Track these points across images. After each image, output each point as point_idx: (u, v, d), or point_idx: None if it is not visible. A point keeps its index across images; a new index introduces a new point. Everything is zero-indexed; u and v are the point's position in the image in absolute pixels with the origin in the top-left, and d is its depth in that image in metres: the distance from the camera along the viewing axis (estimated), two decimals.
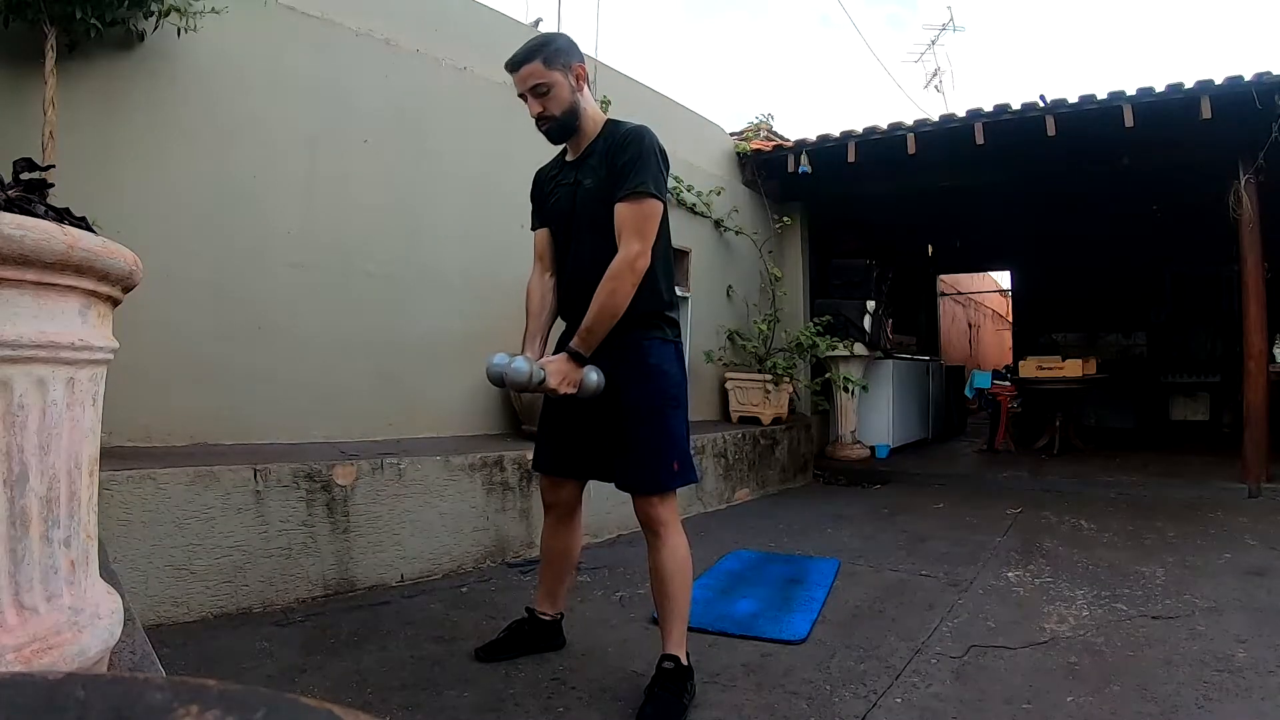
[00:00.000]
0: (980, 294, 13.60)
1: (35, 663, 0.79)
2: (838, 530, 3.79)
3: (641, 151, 1.75)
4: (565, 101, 1.80)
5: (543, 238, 2.01)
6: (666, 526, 1.82)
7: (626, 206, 1.74)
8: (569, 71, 1.79)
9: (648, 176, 1.73)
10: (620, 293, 1.72)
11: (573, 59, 1.80)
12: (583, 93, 1.84)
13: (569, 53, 1.80)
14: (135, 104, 2.59)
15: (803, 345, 5.34)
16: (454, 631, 2.24)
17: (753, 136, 5.90)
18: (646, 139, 1.77)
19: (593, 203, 1.82)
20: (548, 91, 1.78)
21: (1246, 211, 4.47)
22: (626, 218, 1.74)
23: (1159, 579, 2.81)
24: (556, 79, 1.77)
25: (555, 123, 1.82)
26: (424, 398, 3.43)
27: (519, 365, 1.69)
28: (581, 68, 1.82)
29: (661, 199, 1.77)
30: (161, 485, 2.17)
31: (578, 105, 1.82)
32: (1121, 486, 4.81)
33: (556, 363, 1.74)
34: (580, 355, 1.75)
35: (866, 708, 1.78)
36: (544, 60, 1.76)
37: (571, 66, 1.80)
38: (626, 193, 1.73)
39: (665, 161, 1.80)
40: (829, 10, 53.82)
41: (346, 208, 3.17)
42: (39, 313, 0.82)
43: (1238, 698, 1.80)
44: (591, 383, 1.77)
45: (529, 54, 1.77)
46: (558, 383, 1.71)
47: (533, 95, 1.79)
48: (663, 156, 1.79)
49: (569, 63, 1.79)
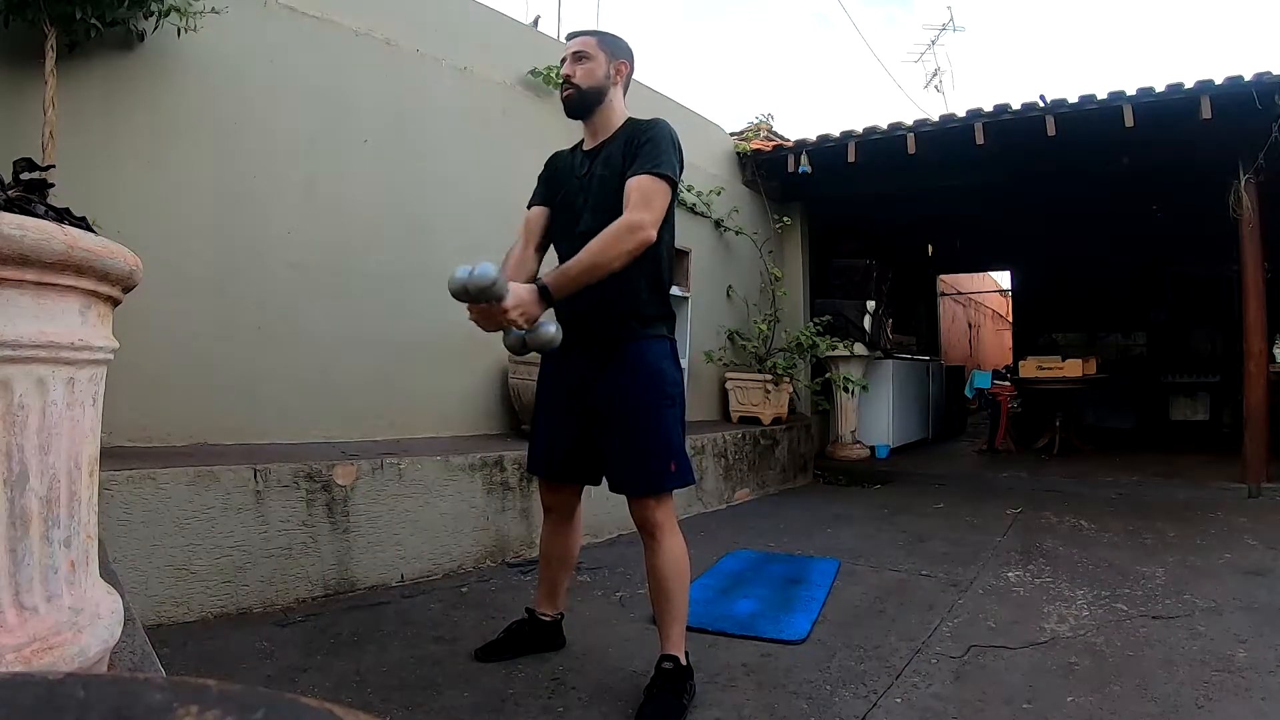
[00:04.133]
0: (980, 294, 13.60)
1: (35, 663, 0.79)
2: (838, 530, 3.79)
3: (659, 138, 1.78)
4: (595, 79, 1.87)
5: (536, 216, 2.00)
6: (662, 529, 1.80)
7: (639, 179, 1.74)
8: (613, 61, 1.89)
9: (663, 160, 1.75)
10: (613, 251, 1.66)
11: (621, 56, 1.91)
12: (617, 86, 1.92)
13: (622, 51, 1.92)
14: (135, 104, 2.59)
15: (803, 345, 5.34)
16: (454, 631, 2.24)
17: (753, 136, 5.90)
18: (665, 128, 1.81)
19: (604, 195, 1.83)
20: (585, 61, 1.86)
21: (1246, 211, 4.47)
22: (636, 188, 1.73)
23: (1159, 579, 2.81)
24: (600, 58, 1.87)
25: (577, 92, 1.87)
26: (424, 398, 3.43)
27: (486, 266, 1.55)
28: (625, 65, 1.92)
29: (674, 184, 1.76)
30: (161, 485, 2.17)
31: (605, 91, 1.89)
32: (1121, 486, 4.81)
33: (521, 288, 1.63)
34: (547, 293, 1.65)
35: (866, 708, 1.78)
36: (599, 40, 1.89)
37: (617, 59, 1.90)
38: (643, 170, 1.74)
39: (680, 153, 1.82)
40: (827, 10, 53.83)
41: (346, 208, 3.17)
42: (39, 313, 0.82)
43: (1238, 698, 1.80)
44: (548, 333, 1.66)
45: (591, 31, 1.92)
46: (513, 305, 1.59)
47: (572, 59, 1.87)
48: (678, 147, 1.81)
49: (617, 56, 1.90)
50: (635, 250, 1.68)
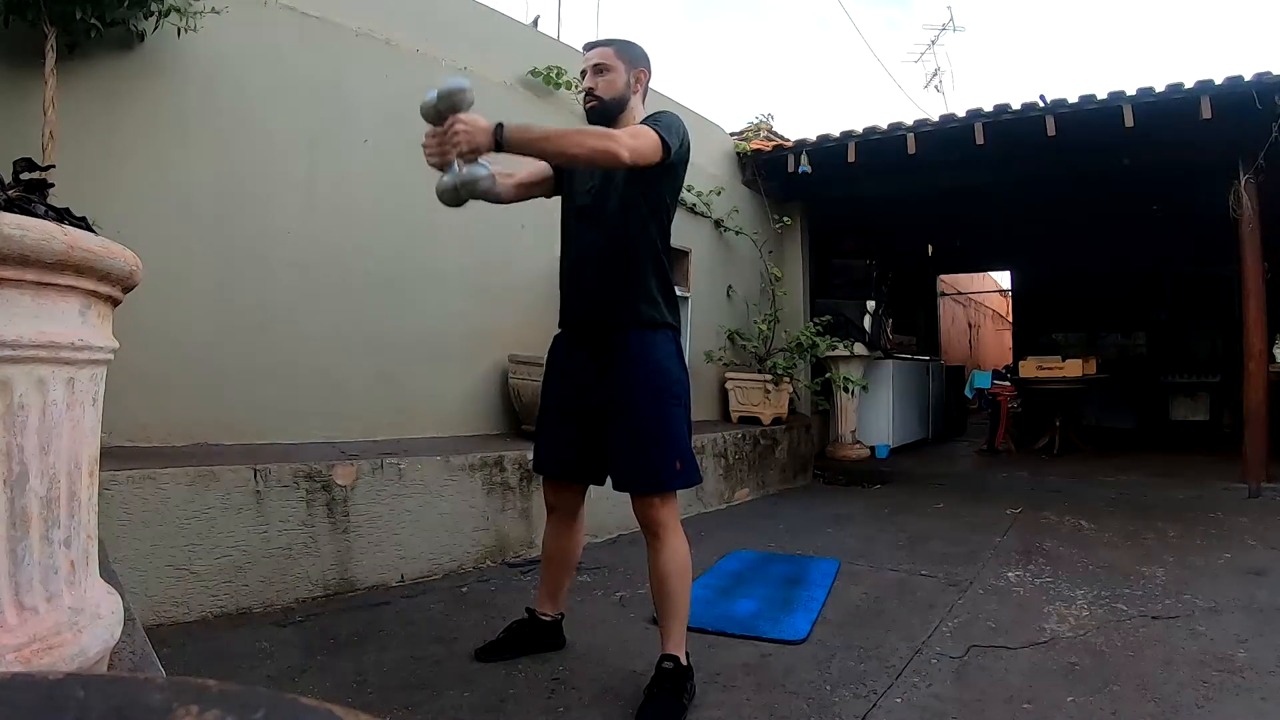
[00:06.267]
0: (980, 294, 13.60)
1: (35, 663, 0.79)
2: (838, 530, 3.79)
3: (666, 116, 1.81)
4: (616, 89, 1.88)
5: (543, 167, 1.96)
6: (666, 528, 1.81)
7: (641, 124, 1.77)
8: (632, 70, 1.91)
9: (667, 128, 1.76)
10: (580, 140, 1.65)
11: (640, 64, 1.93)
12: (637, 95, 1.93)
13: (641, 60, 1.94)
14: (135, 104, 2.59)
15: (803, 345, 5.34)
16: (454, 631, 2.24)
17: (753, 136, 5.90)
18: (673, 115, 1.84)
19: (614, 195, 1.84)
20: (606, 73, 1.88)
21: (1246, 211, 4.47)
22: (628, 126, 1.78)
23: (1159, 579, 2.81)
24: (620, 68, 1.89)
25: (600, 104, 1.89)
26: (424, 398, 3.43)
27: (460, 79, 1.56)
28: (644, 74, 1.94)
29: (667, 147, 1.74)
30: (161, 485, 2.17)
31: (626, 100, 1.90)
32: (1121, 486, 4.81)
33: (479, 118, 1.60)
34: (501, 133, 1.58)
35: (866, 708, 1.78)
36: (617, 50, 1.90)
37: (636, 69, 1.92)
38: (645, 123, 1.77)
39: (686, 143, 1.83)
40: (827, 13, 53.86)
41: (346, 208, 3.17)
42: (39, 313, 0.82)
43: (1238, 698, 1.80)
44: (479, 173, 1.61)
45: (609, 41, 1.93)
46: (466, 122, 1.57)
47: (592, 72, 1.89)
48: (683, 139, 1.82)
49: (636, 64, 1.92)
50: (598, 153, 1.64)
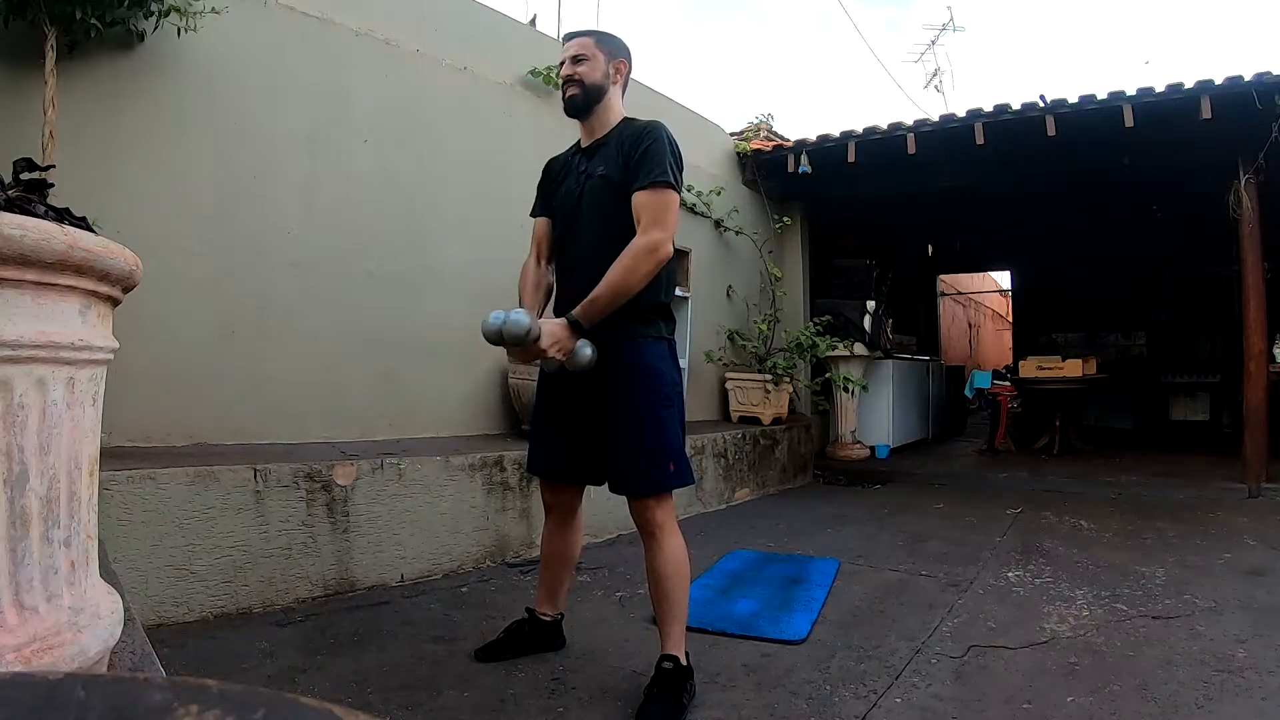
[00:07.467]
0: (980, 294, 13.60)
1: (35, 663, 0.79)
2: (838, 530, 3.79)
3: (658, 146, 1.78)
4: (594, 79, 1.89)
5: (543, 226, 2.03)
6: (663, 529, 1.80)
7: (646, 195, 1.75)
8: (611, 60, 1.92)
9: (665, 168, 1.76)
10: (637, 273, 1.71)
11: (620, 55, 1.94)
12: (616, 85, 1.94)
13: (620, 50, 1.95)
14: (135, 104, 2.59)
15: (803, 345, 5.34)
16: (454, 631, 2.24)
17: (753, 136, 5.90)
18: (662, 133, 1.81)
19: (601, 191, 1.84)
20: (584, 62, 1.89)
21: (1246, 211, 4.47)
22: (646, 204, 1.75)
23: (1159, 579, 2.81)
24: (599, 58, 1.90)
25: (579, 92, 1.89)
26: (424, 398, 3.43)
27: (519, 316, 1.62)
28: (624, 65, 1.95)
29: (678, 191, 1.78)
30: (161, 485, 2.17)
31: (604, 90, 1.91)
32: (1121, 486, 4.81)
33: (553, 325, 1.70)
34: (578, 325, 1.71)
35: (866, 708, 1.78)
36: (596, 41, 1.92)
37: (616, 59, 1.93)
38: (646, 183, 1.75)
39: (679, 157, 1.83)
40: (827, 13, 53.85)
41: (346, 208, 3.17)
42: (39, 313, 0.82)
43: (1238, 698, 1.80)
44: (585, 356, 1.72)
45: (588, 32, 1.94)
46: (549, 344, 1.67)
47: (571, 60, 1.90)
48: (676, 152, 1.82)
49: (615, 55, 1.93)
50: (656, 269, 1.74)
